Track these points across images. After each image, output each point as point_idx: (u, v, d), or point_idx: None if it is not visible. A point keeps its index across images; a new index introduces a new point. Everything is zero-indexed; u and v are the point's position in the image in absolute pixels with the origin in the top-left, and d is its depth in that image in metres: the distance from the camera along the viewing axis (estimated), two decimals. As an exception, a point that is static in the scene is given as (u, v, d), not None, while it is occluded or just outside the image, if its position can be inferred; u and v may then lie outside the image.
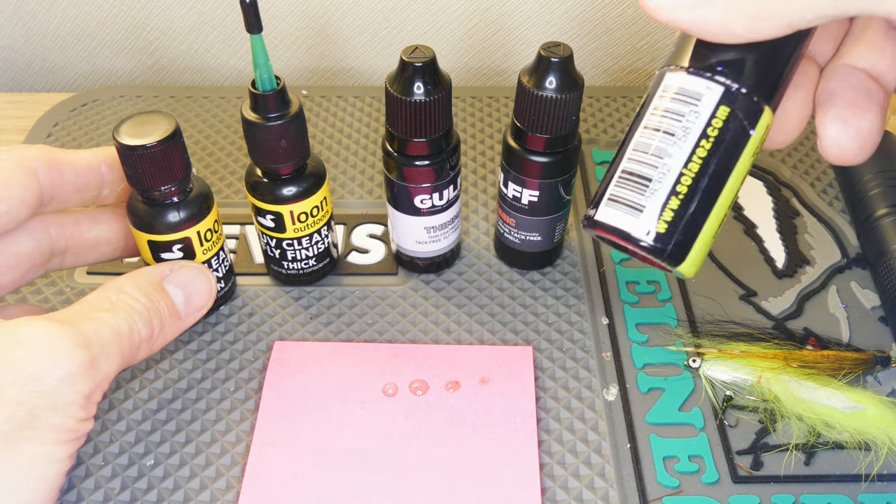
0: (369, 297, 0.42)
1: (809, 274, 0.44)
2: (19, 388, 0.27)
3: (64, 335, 0.28)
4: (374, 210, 0.47)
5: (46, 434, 0.28)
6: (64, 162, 0.34)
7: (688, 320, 0.41)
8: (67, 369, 0.28)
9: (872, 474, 0.35)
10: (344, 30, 0.60)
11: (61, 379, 0.28)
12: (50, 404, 0.28)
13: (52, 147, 0.34)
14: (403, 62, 0.34)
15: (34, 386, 0.27)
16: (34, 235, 0.35)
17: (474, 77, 0.63)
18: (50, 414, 0.28)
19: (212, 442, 0.36)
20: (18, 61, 0.63)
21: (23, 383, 0.27)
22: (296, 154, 0.36)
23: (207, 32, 0.61)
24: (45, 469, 0.28)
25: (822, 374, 0.37)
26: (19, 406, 0.27)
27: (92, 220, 0.37)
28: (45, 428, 0.28)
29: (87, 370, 0.28)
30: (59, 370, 0.28)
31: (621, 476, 0.35)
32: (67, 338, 0.28)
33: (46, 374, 0.27)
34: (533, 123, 0.36)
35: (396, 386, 0.38)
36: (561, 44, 0.35)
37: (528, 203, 0.39)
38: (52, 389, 0.28)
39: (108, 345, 0.30)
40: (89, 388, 0.29)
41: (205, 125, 0.53)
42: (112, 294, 0.31)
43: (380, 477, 0.34)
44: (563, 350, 0.40)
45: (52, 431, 0.28)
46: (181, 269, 0.35)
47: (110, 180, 0.36)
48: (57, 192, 0.34)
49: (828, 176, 0.50)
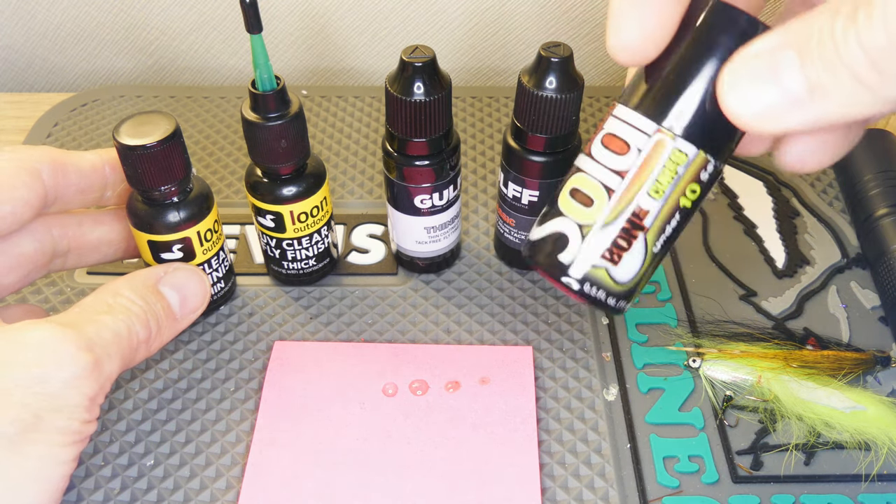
0: (369, 297, 0.42)
1: (809, 274, 0.44)
2: (24, 391, 0.27)
3: (67, 338, 0.28)
4: (374, 210, 0.47)
5: (51, 436, 0.28)
6: (68, 163, 0.34)
7: (688, 320, 0.41)
8: (72, 371, 0.28)
9: (872, 474, 0.35)
10: (344, 30, 0.60)
11: (66, 381, 0.28)
12: (55, 407, 0.28)
13: (55, 148, 0.34)
14: (403, 62, 0.34)
15: (39, 388, 0.27)
16: (37, 237, 0.35)
17: (474, 77, 0.63)
18: (55, 416, 0.28)
19: (212, 442, 0.36)
20: (18, 61, 0.63)
21: (27, 386, 0.27)
22: (296, 154, 0.36)
23: (207, 32, 0.61)
24: (51, 471, 0.28)
25: (822, 374, 0.37)
26: (24, 408, 0.27)
27: (94, 221, 0.37)
28: (50, 430, 0.28)
29: (92, 372, 0.28)
30: (63, 372, 0.28)
31: (621, 476, 0.35)
32: (71, 340, 0.28)
33: (51, 377, 0.28)
34: (533, 123, 0.36)
35: (396, 386, 0.38)
36: (561, 44, 0.35)
37: (528, 203, 0.39)
38: (57, 392, 0.28)
39: (110, 346, 0.30)
40: (93, 391, 0.29)
41: (205, 125, 0.53)
42: (109, 297, 0.31)
43: (380, 477, 0.34)
44: (563, 350, 0.40)
45: (57, 434, 0.28)
46: (176, 272, 0.35)
47: (114, 181, 0.36)
48: (61, 194, 0.34)
49: (828, 176, 0.50)
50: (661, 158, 0.26)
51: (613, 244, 0.27)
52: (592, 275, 0.27)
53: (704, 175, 0.27)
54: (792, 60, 0.22)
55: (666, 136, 0.26)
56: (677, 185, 0.26)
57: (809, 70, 0.22)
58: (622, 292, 0.28)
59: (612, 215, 0.27)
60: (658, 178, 0.26)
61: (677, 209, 0.27)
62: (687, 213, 0.28)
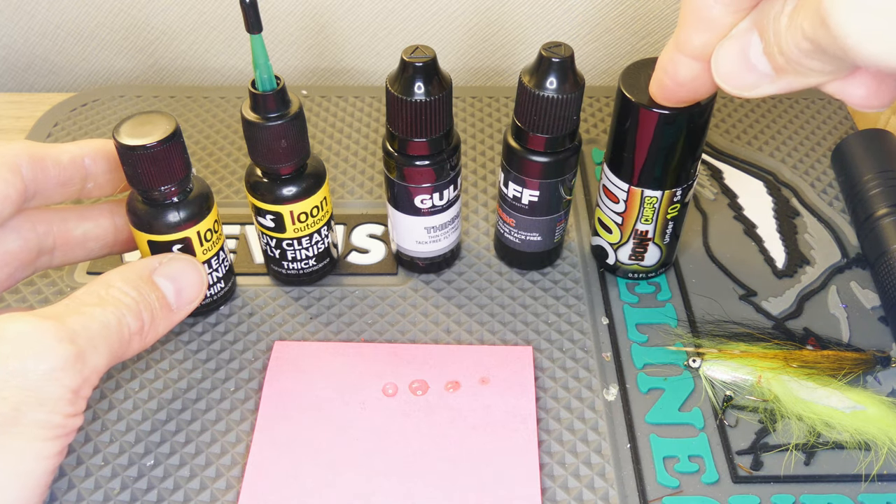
0: (369, 297, 0.42)
1: (809, 274, 0.44)
2: (2, 385, 0.27)
3: (47, 330, 0.28)
4: (374, 210, 0.47)
5: (32, 430, 0.27)
6: (46, 157, 0.34)
7: (688, 320, 0.41)
8: (51, 364, 0.27)
9: (872, 474, 0.35)
10: (344, 30, 0.60)
11: (45, 374, 0.27)
12: (35, 400, 0.27)
13: (34, 142, 0.34)
14: (404, 62, 0.34)
15: (18, 382, 0.27)
16: (21, 234, 0.35)
17: (474, 77, 0.63)
18: (36, 410, 0.27)
19: (212, 442, 0.36)
20: (18, 61, 0.63)
21: (6, 379, 0.27)
22: (296, 154, 0.36)
23: (207, 32, 0.61)
24: (32, 465, 0.28)
25: (822, 374, 0.37)
26: (3, 402, 0.26)
27: (79, 216, 0.37)
28: (30, 424, 0.27)
29: (73, 364, 0.28)
30: (42, 365, 0.27)
31: (621, 476, 0.35)
32: (51, 332, 0.28)
33: (30, 370, 0.27)
34: (533, 123, 0.36)
35: (396, 386, 0.38)
36: (562, 44, 0.35)
37: (528, 203, 0.39)
38: (37, 385, 0.27)
39: (96, 338, 0.29)
40: (76, 383, 0.28)
41: (205, 125, 0.53)
42: (101, 289, 0.31)
43: (380, 477, 0.34)
44: (563, 350, 0.40)
45: (38, 427, 0.27)
46: (171, 262, 0.34)
47: (94, 173, 0.36)
48: (41, 188, 0.34)
49: (828, 176, 0.50)
50: (638, 203, 0.39)
51: (632, 252, 0.41)
52: (629, 268, 0.42)
53: (677, 197, 0.38)
54: (756, 43, 0.26)
55: (637, 190, 0.38)
56: (659, 211, 0.39)
57: (769, 53, 0.25)
58: (653, 268, 0.42)
59: (624, 238, 0.41)
60: (643, 213, 0.39)
61: (668, 221, 0.39)
62: (678, 217, 0.40)
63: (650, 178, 0.37)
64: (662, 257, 0.41)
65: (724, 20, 0.27)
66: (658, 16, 0.59)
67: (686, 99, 0.32)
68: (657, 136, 0.35)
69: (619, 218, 0.40)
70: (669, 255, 0.42)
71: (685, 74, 0.30)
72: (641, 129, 0.36)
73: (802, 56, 0.24)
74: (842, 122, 0.54)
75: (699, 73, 0.30)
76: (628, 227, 0.40)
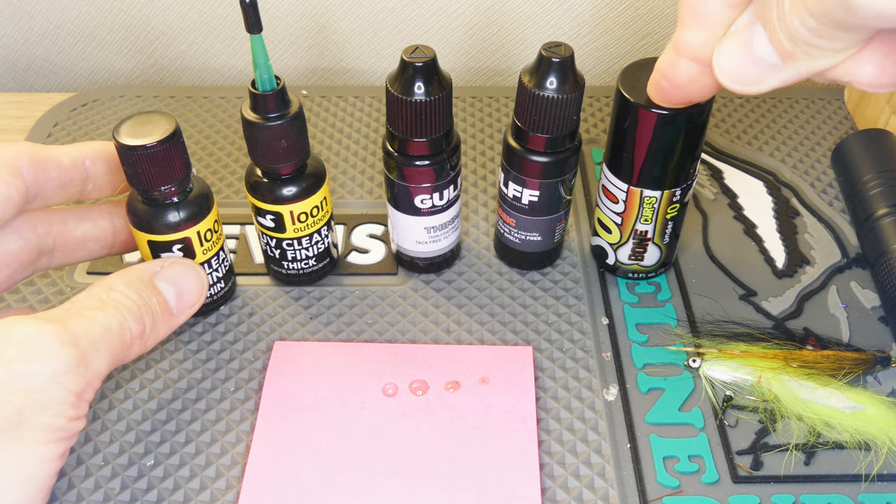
0: (369, 297, 0.42)
1: (809, 274, 0.44)
2: (6, 388, 0.27)
3: (51, 333, 0.28)
4: (374, 210, 0.47)
5: (35, 433, 0.27)
6: (47, 158, 0.34)
7: (688, 320, 0.41)
8: (55, 367, 0.27)
9: (872, 474, 0.35)
10: (344, 30, 0.60)
11: (49, 377, 0.27)
12: (39, 403, 0.27)
13: (34, 144, 0.34)
14: (404, 62, 0.34)
15: (22, 385, 0.27)
16: (21, 235, 0.35)
17: (474, 77, 0.63)
18: (39, 413, 0.27)
19: (212, 442, 0.36)
20: (18, 61, 0.63)
21: (10, 382, 0.27)
22: (296, 154, 0.36)
23: (207, 32, 0.61)
24: (35, 468, 0.28)
25: (822, 374, 0.37)
26: (7, 405, 0.27)
27: (79, 217, 0.37)
28: (33, 427, 0.27)
29: (77, 367, 0.28)
30: (46, 368, 0.27)
31: (621, 476, 0.35)
32: (55, 336, 0.28)
33: (34, 373, 0.27)
34: (534, 123, 0.36)
35: (396, 386, 0.38)
36: (562, 44, 0.35)
37: (528, 203, 0.39)
38: (41, 388, 0.27)
39: (98, 342, 0.29)
40: (80, 386, 0.28)
41: (205, 125, 0.53)
42: (102, 292, 0.31)
43: (379, 477, 0.34)
44: (563, 350, 0.40)
45: (41, 431, 0.27)
46: (172, 266, 0.34)
47: (94, 175, 0.36)
48: (41, 189, 0.34)
49: (828, 176, 0.50)
50: (638, 203, 0.39)
51: (632, 252, 0.41)
52: (628, 268, 0.42)
53: (677, 197, 0.38)
54: (761, 33, 0.26)
55: (636, 190, 0.38)
56: (658, 211, 0.39)
57: (775, 40, 0.25)
58: (653, 268, 0.42)
59: (624, 238, 0.41)
60: (643, 213, 0.39)
61: (667, 221, 0.40)
62: (678, 217, 0.40)
63: (649, 178, 0.37)
64: (662, 257, 0.42)
65: (721, 15, 0.27)
66: (658, 16, 0.59)
67: (683, 101, 0.33)
68: (656, 136, 0.36)
69: (619, 218, 0.40)
70: (669, 255, 0.42)
71: (684, 77, 0.30)
72: (640, 129, 0.36)
73: (811, 35, 0.24)
74: (842, 122, 0.54)
75: (698, 75, 0.30)
76: (628, 227, 0.40)
